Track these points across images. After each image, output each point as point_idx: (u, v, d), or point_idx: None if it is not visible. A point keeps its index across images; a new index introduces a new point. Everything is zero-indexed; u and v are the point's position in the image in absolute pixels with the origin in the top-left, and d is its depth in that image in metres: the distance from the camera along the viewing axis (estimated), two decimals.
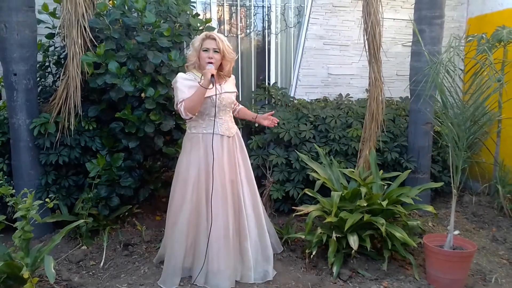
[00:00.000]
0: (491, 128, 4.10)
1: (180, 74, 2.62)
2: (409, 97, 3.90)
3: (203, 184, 2.64)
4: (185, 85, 2.56)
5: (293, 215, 3.33)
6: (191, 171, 2.65)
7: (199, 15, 3.73)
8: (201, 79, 2.53)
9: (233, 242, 2.67)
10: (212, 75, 2.48)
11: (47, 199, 2.64)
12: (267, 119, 2.93)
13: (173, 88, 2.67)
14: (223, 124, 2.68)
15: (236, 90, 2.85)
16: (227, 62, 2.68)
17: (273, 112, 3.02)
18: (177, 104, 2.55)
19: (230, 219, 2.65)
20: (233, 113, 2.90)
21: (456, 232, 3.23)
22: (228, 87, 2.75)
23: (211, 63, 2.57)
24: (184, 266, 2.71)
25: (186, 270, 2.73)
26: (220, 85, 2.66)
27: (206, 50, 2.59)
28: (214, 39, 2.60)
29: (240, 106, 3.03)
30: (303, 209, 3.03)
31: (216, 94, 2.56)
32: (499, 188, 3.84)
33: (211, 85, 2.48)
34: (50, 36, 3.43)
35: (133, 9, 3.23)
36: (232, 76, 2.85)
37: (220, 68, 2.68)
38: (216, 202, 2.60)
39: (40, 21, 3.30)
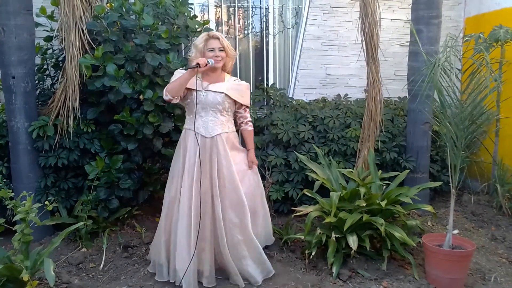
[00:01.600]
0: (490, 127, 4.11)
1: (178, 70, 2.73)
2: (407, 97, 3.90)
3: (180, 179, 2.67)
4: (177, 77, 2.63)
5: (293, 215, 3.33)
6: (175, 167, 2.74)
7: (197, 16, 3.74)
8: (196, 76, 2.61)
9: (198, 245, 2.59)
10: (198, 64, 2.50)
11: (46, 202, 2.64)
12: (249, 162, 2.86)
13: None
14: (203, 123, 2.66)
15: (223, 92, 2.67)
16: (230, 59, 2.79)
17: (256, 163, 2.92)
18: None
19: (193, 220, 2.57)
20: (237, 126, 2.88)
21: (455, 231, 3.24)
22: (217, 88, 2.67)
23: (217, 62, 2.66)
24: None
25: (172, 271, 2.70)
26: (207, 83, 2.67)
27: (212, 49, 2.66)
28: (218, 38, 2.68)
29: (247, 126, 2.89)
30: (303, 209, 3.04)
31: (202, 90, 2.63)
32: (498, 187, 3.84)
33: (194, 66, 2.51)
34: (48, 39, 3.43)
35: (131, 12, 3.23)
36: (246, 84, 2.84)
37: (223, 66, 2.76)
38: (183, 199, 2.60)
39: (38, 24, 3.30)
